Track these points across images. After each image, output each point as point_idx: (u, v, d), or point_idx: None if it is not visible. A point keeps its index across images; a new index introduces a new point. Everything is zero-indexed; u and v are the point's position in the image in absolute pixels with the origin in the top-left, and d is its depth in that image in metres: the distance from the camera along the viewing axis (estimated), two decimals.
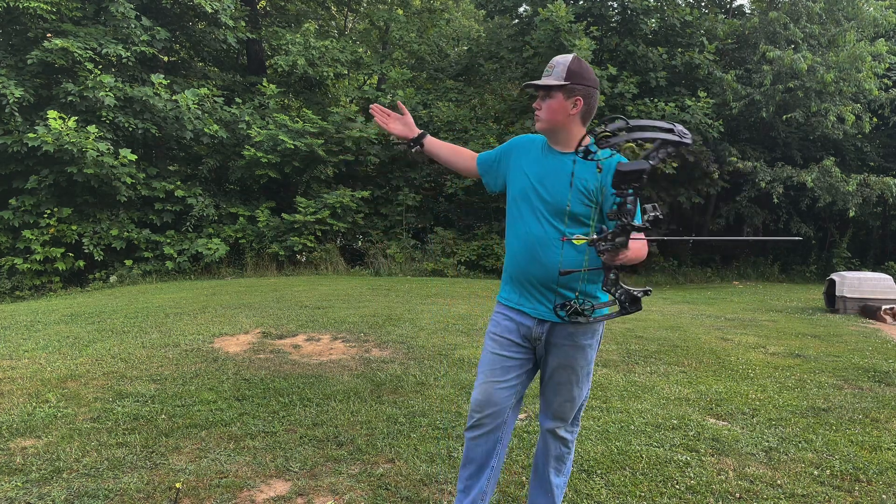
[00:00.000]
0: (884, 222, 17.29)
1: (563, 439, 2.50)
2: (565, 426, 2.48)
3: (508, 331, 2.42)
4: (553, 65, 2.32)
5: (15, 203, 11.84)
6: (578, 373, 2.42)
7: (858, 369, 5.31)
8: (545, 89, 2.32)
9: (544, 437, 2.51)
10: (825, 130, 14.77)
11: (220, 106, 13.85)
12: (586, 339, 2.40)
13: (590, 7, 15.48)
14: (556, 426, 2.47)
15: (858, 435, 3.76)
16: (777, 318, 8.27)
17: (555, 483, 2.52)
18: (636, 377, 4.98)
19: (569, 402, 2.44)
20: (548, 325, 2.37)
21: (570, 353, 2.39)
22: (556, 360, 2.40)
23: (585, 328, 2.37)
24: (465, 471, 2.48)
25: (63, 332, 6.30)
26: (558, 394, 2.43)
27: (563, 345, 2.38)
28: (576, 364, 2.40)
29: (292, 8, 18.73)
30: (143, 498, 2.86)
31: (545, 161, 2.38)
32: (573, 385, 2.42)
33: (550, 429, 2.47)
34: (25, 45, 12.31)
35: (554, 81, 2.30)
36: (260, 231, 13.29)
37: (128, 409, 3.98)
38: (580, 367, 2.41)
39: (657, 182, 14.86)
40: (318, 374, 4.84)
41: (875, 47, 14.15)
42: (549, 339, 2.38)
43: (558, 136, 2.36)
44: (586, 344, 2.40)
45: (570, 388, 2.43)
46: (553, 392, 2.44)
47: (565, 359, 2.39)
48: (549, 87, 2.31)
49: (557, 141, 2.38)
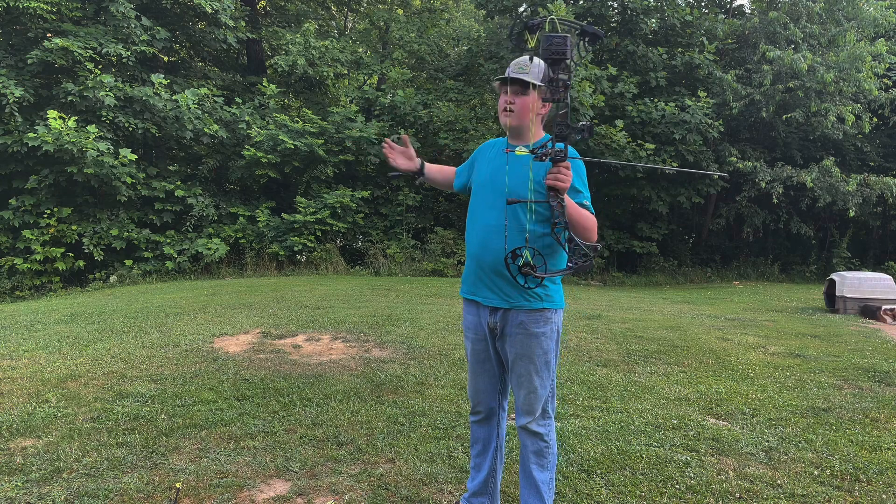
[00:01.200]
0: (884, 222, 17.29)
1: (538, 434, 2.51)
2: (536, 420, 2.50)
3: (472, 325, 2.59)
4: (525, 63, 2.37)
5: (15, 203, 11.84)
6: (536, 362, 2.46)
7: (858, 369, 5.31)
8: (524, 85, 2.38)
9: (521, 435, 2.56)
10: (825, 130, 14.76)
11: (220, 106, 13.85)
12: (538, 328, 2.44)
13: (590, 7, 15.48)
14: (527, 421, 2.51)
15: (858, 435, 3.76)
16: (777, 318, 8.27)
17: (539, 479, 2.52)
18: (636, 377, 4.98)
19: (532, 393, 2.48)
20: (500, 314, 2.47)
21: (525, 342, 2.45)
22: (513, 350, 2.47)
23: (535, 315, 2.42)
24: (474, 449, 2.70)
25: (63, 332, 6.30)
26: (521, 386, 2.49)
27: (516, 334, 2.45)
28: (531, 353, 2.45)
29: (292, 8, 18.73)
30: (143, 498, 2.86)
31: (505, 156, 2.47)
32: (532, 375, 2.47)
33: (523, 425, 2.51)
34: (25, 45, 12.31)
35: (535, 80, 2.36)
36: (260, 231, 13.29)
37: (128, 409, 3.98)
38: (537, 357, 2.45)
39: (658, 182, 14.88)
40: (318, 374, 4.84)
41: (875, 47, 14.15)
42: (503, 329, 2.48)
43: (519, 132, 2.48)
44: (539, 332, 2.44)
45: (531, 379, 2.47)
46: (517, 385, 2.51)
47: (520, 348, 2.46)
48: (530, 84, 2.36)
49: (518, 137, 2.50)
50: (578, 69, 12.79)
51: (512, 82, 2.37)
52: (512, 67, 2.40)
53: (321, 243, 13.29)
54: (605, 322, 7.22)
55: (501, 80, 2.42)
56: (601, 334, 6.48)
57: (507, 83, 2.38)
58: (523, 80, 2.37)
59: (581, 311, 7.97)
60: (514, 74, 2.37)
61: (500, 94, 2.48)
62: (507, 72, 2.40)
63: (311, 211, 13.11)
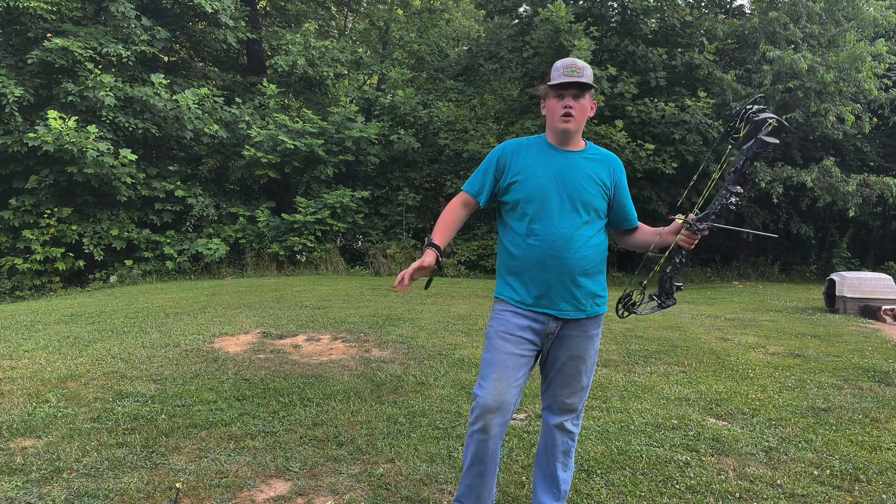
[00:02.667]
0: (884, 222, 17.28)
1: (571, 433, 2.53)
2: (572, 419, 2.53)
3: (520, 328, 2.39)
4: (581, 67, 2.34)
5: (15, 203, 11.84)
6: (587, 362, 2.49)
7: (858, 369, 5.30)
8: (584, 88, 2.35)
9: (551, 434, 2.53)
10: (825, 130, 14.76)
11: (220, 106, 13.86)
12: (595, 329, 2.50)
13: (590, 7, 15.47)
14: (563, 420, 2.51)
15: (858, 435, 3.76)
16: (777, 318, 8.27)
17: (562, 479, 2.55)
18: (636, 377, 4.98)
19: (578, 392, 2.50)
20: (562, 320, 2.42)
21: (582, 344, 2.46)
22: (567, 352, 2.45)
23: (596, 319, 2.48)
24: (473, 470, 2.39)
25: (63, 332, 6.30)
26: (567, 385, 2.48)
27: (575, 336, 2.44)
28: (586, 354, 2.47)
29: (292, 8, 18.74)
30: (143, 498, 2.86)
31: (560, 159, 2.43)
32: (582, 375, 2.49)
33: (558, 423, 2.51)
34: (25, 45, 12.31)
35: (589, 81, 2.36)
36: (260, 231, 13.29)
37: (128, 409, 3.98)
38: (589, 357, 2.49)
39: (658, 182, 14.87)
40: (318, 374, 4.84)
41: (875, 47, 14.15)
42: (561, 332, 2.44)
43: (574, 136, 2.43)
44: (595, 334, 2.50)
45: (580, 378, 2.49)
46: (562, 385, 2.48)
47: (577, 350, 2.45)
48: (589, 86, 2.35)
49: (569, 142, 2.44)
50: None
51: (575, 86, 2.33)
52: (563, 70, 2.33)
53: (321, 243, 13.30)
54: (605, 322, 7.21)
55: (562, 85, 2.33)
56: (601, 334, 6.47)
57: (567, 87, 2.33)
58: (583, 83, 2.33)
59: None
60: (575, 79, 2.32)
61: (550, 97, 2.38)
62: (560, 76, 2.33)
63: (311, 211, 13.12)
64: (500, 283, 2.50)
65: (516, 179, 2.41)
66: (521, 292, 2.41)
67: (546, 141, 2.46)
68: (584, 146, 2.48)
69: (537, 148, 2.45)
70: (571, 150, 2.44)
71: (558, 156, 2.42)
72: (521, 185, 2.40)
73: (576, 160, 2.42)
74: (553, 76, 2.36)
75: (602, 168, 2.45)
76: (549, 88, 2.38)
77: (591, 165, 2.43)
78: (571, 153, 2.43)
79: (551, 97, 2.38)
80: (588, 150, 2.48)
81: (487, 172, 2.48)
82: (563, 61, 2.37)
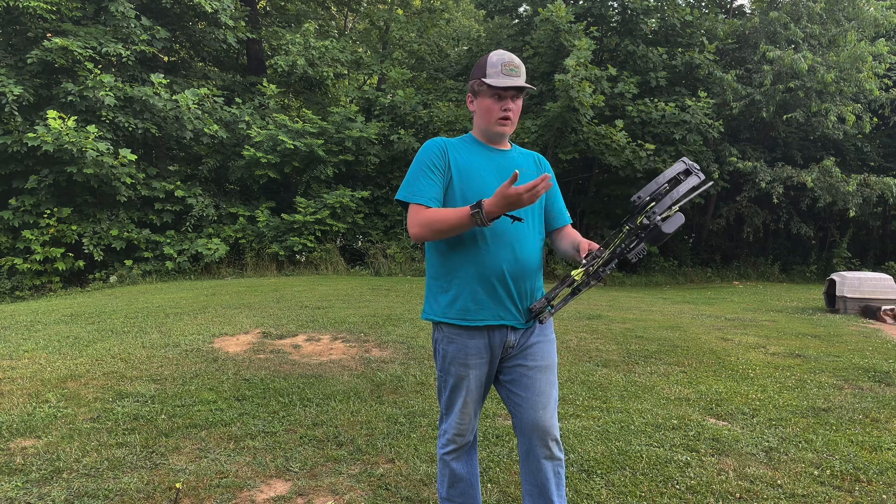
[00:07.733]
0: (884, 222, 17.29)
1: (559, 458, 2.27)
2: (557, 442, 2.25)
3: (482, 350, 2.19)
4: (517, 65, 2.19)
5: (15, 203, 11.84)
6: (554, 369, 2.28)
7: (858, 369, 5.30)
8: (520, 91, 2.22)
9: (541, 468, 2.24)
10: (825, 130, 14.77)
11: (220, 106, 13.86)
12: (552, 332, 2.31)
13: (590, 7, 15.48)
14: (549, 445, 2.23)
15: (858, 435, 3.76)
16: (777, 318, 8.26)
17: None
18: (636, 377, 4.98)
19: (553, 409, 2.25)
20: (522, 329, 2.23)
21: (546, 350, 2.26)
22: (534, 362, 2.22)
23: (550, 321, 2.25)
24: (455, 489, 2.31)
25: (63, 332, 6.30)
26: (543, 406, 2.21)
27: (538, 343, 2.24)
28: (551, 362, 2.27)
29: (292, 8, 18.75)
30: (143, 498, 2.86)
31: (496, 158, 2.26)
32: (552, 388, 2.25)
33: (547, 455, 2.23)
34: (25, 45, 12.31)
35: (525, 83, 2.22)
36: (260, 231, 13.29)
37: (128, 409, 3.98)
38: (553, 365, 2.28)
39: None
40: (318, 374, 4.84)
41: (876, 47, 14.16)
42: (521, 343, 2.23)
43: (506, 136, 2.29)
44: (553, 338, 2.32)
45: (552, 390, 2.25)
46: (536, 405, 2.21)
47: (541, 359, 2.23)
48: (523, 88, 2.21)
49: (501, 141, 2.29)
50: (579, 69, 12.76)
51: (515, 88, 2.17)
52: (502, 69, 2.15)
53: (321, 243, 13.30)
54: (605, 322, 7.22)
55: (504, 88, 2.15)
56: (601, 334, 6.48)
57: (509, 91, 2.17)
58: (520, 87, 2.18)
59: (581, 311, 7.97)
60: (516, 82, 2.16)
61: (486, 96, 2.19)
62: (498, 74, 2.15)
63: (310, 211, 13.12)
64: (433, 300, 2.30)
65: (460, 178, 2.20)
66: (464, 308, 2.22)
67: (475, 139, 2.29)
68: (510, 146, 2.34)
69: (469, 147, 2.26)
70: (503, 149, 2.30)
71: (493, 154, 2.26)
72: (466, 184, 2.19)
73: (512, 159, 2.28)
74: (489, 72, 2.15)
75: (535, 167, 2.34)
76: (485, 86, 2.17)
77: (525, 164, 2.30)
78: (506, 152, 2.29)
79: (487, 96, 2.18)
80: (515, 150, 2.35)
81: (432, 173, 2.18)
82: (500, 56, 2.17)
